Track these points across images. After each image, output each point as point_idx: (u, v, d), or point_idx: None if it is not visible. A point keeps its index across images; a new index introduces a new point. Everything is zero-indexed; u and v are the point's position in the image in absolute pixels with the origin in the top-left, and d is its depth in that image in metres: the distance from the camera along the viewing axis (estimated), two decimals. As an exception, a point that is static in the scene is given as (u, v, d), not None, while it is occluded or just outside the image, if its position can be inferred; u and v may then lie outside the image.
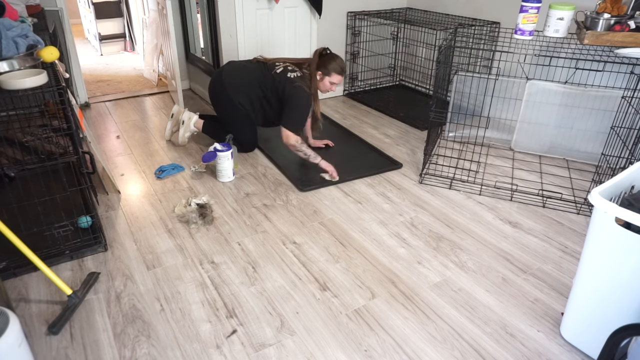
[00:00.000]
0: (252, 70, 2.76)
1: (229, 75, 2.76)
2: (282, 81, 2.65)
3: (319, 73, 2.67)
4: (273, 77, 2.69)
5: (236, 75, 2.76)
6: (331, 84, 2.70)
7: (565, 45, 2.98)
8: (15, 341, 1.24)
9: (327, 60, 2.65)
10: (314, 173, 2.68)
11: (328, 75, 2.66)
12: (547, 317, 1.71)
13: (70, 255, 1.95)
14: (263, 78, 2.72)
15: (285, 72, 2.66)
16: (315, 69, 2.66)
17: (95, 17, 5.62)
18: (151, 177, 2.65)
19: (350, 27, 3.90)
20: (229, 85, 2.74)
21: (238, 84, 2.74)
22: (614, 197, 1.50)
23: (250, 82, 2.74)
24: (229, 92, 2.74)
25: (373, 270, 1.93)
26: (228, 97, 2.75)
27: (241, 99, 2.75)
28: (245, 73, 2.76)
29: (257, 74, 2.74)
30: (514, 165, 2.85)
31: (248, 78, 2.75)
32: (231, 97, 2.74)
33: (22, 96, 1.71)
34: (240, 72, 2.77)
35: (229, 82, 2.75)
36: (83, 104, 3.76)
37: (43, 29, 2.56)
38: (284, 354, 1.53)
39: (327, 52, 2.70)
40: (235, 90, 2.74)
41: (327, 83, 2.69)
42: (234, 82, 2.74)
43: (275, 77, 2.68)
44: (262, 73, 2.73)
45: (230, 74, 2.77)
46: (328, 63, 2.65)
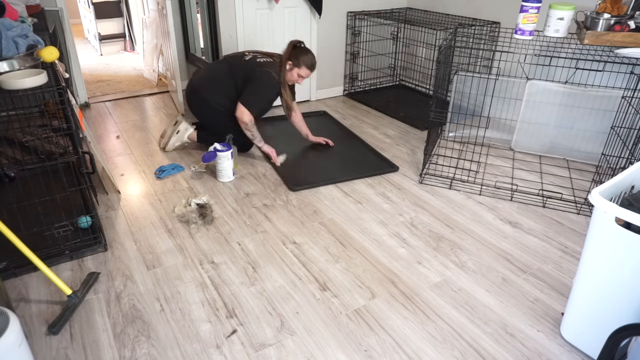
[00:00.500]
0: (220, 69, 2.79)
1: (199, 83, 2.80)
2: (251, 65, 2.70)
3: (289, 63, 2.71)
4: (242, 65, 2.73)
5: (206, 80, 2.79)
6: (299, 76, 2.74)
7: (566, 45, 2.98)
8: (15, 341, 1.24)
9: (300, 53, 2.70)
10: (307, 173, 2.68)
11: (298, 66, 2.70)
12: (547, 317, 1.71)
13: (70, 255, 1.95)
14: (233, 71, 2.75)
15: (254, 59, 2.73)
16: (286, 58, 2.70)
17: (95, 17, 5.62)
18: (151, 177, 2.65)
19: (350, 27, 3.90)
20: (203, 90, 2.77)
21: (210, 86, 2.77)
22: (614, 197, 1.50)
23: (220, 80, 2.77)
24: (206, 98, 2.77)
25: (373, 270, 1.93)
26: (206, 103, 2.78)
27: (218, 100, 2.76)
28: (213, 74, 2.79)
29: (226, 70, 2.77)
30: (514, 165, 2.85)
31: (218, 77, 2.78)
32: (209, 101, 2.76)
33: (22, 96, 1.71)
34: (208, 75, 2.80)
35: (202, 87, 2.78)
36: (83, 104, 3.76)
37: (43, 29, 2.56)
38: (284, 354, 1.53)
39: (301, 44, 2.75)
40: (209, 93, 2.76)
41: (295, 74, 2.73)
42: (206, 87, 2.77)
43: (244, 64, 2.72)
44: (230, 66, 2.77)
45: (200, 81, 2.80)
46: (300, 55, 2.69)
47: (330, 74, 4.01)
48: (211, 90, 2.77)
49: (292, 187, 2.53)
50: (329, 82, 4.04)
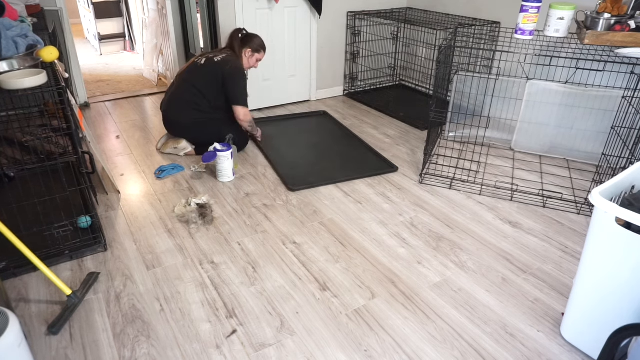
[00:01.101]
0: (178, 86, 2.79)
1: (167, 109, 2.81)
2: (213, 67, 2.71)
3: (247, 50, 2.82)
4: (201, 71, 2.73)
5: (170, 103, 2.80)
6: (257, 61, 2.89)
7: (566, 45, 2.98)
8: (15, 341, 1.24)
9: (252, 39, 2.83)
10: (307, 173, 2.68)
11: (257, 52, 2.85)
12: (547, 317, 1.71)
13: (70, 256, 1.95)
14: (193, 83, 2.74)
15: (211, 60, 2.74)
16: (241, 48, 2.80)
17: (95, 17, 5.62)
18: (151, 177, 2.65)
19: (350, 27, 3.90)
20: (173, 114, 2.79)
21: (177, 107, 2.77)
22: (615, 197, 1.50)
23: (182, 97, 2.76)
24: (179, 119, 2.78)
25: (373, 270, 1.93)
26: (182, 124, 2.79)
27: (192, 115, 2.77)
28: (174, 95, 2.80)
29: (184, 84, 2.77)
30: (514, 165, 2.85)
31: (178, 96, 2.77)
32: (184, 122, 2.78)
33: (21, 96, 1.71)
34: (170, 99, 2.81)
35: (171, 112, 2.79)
36: (83, 104, 3.76)
37: (43, 29, 2.56)
38: (284, 354, 1.53)
39: (244, 31, 2.85)
40: (180, 114, 2.77)
41: (254, 60, 2.87)
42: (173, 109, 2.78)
43: (203, 68, 2.73)
44: (188, 76, 2.77)
45: (167, 107, 2.81)
46: (253, 41, 2.83)
47: (330, 74, 4.01)
48: (181, 111, 2.77)
49: (292, 187, 2.53)
50: (329, 82, 4.04)
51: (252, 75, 3.57)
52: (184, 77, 2.79)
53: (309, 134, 3.23)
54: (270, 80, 3.69)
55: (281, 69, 3.70)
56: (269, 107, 3.79)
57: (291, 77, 3.79)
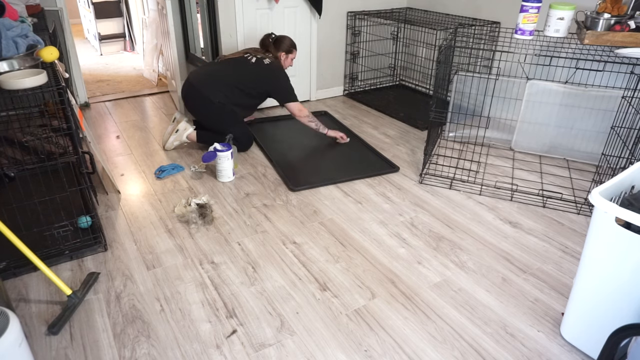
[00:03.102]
0: (222, 70, 2.87)
1: (200, 82, 2.83)
2: (261, 69, 2.88)
3: (282, 54, 3.01)
4: (250, 68, 2.86)
5: (207, 79, 2.83)
6: (292, 60, 3.08)
7: (566, 45, 2.98)
8: (15, 341, 1.24)
9: (283, 41, 3.01)
10: (307, 173, 2.68)
11: (291, 53, 3.04)
12: (547, 317, 1.71)
13: (70, 255, 1.95)
14: (239, 73, 2.85)
15: (260, 61, 2.90)
16: (276, 52, 3.00)
17: (95, 17, 5.62)
18: (151, 177, 2.65)
19: (350, 27, 3.90)
20: (204, 89, 2.80)
21: (212, 85, 2.81)
22: (614, 197, 1.50)
23: (222, 80, 2.82)
24: (208, 96, 2.79)
25: (373, 270, 1.93)
26: (208, 101, 2.80)
27: (220, 97, 2.80)
28: (215, 74, 2.85)
29: (230, 71, 2.85)
30: (514, 165, 2.85)
31: (220, 77, 2.84)
32: (211, 99, 2.79)
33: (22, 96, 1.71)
34: (209, 75, 2.85)
35: (203, 86, 2.81)
36: (83, 104, 3.76)
37: (43, 29, 2.56)
38: (284, 354, 1.53)
39: (274, 35, 3.03)
40: (211, 92, 2.79)
41: (289, 60, 3.07)
42: (207, 86, 2.81)
43: (254, 67, 2.87)
44: (236, 69, 2.86)
45: (201, 80, 2.83)
46: (285, 43, 3.01)
47: (330, 74, 4.01)
48: (212, 89, 2.79)
49: (292, 187, 2.53)
50: (329, 82, 4.04)
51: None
52: (231, 64, 2.88)
53: (309, 134, 3.23)
54: (270, 80, 3.69)
55: (281, 69, 3.70)
56: (269, 107, 3.79)
57: (291, 77, 3.79)
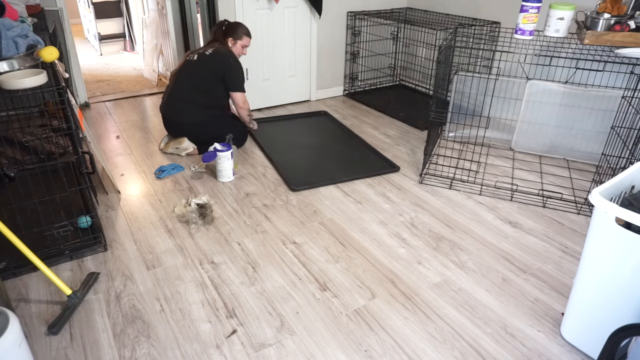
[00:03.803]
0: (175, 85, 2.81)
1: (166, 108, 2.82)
2: (206, 61, 2.75)
3: (230, 40, 2.85)
4: (195, 67, 2.76)
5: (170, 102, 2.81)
6: (243, 47, 2.90)
7: (566, 45, 2.98)
8: (15, 341, 1.24)
9: (233, 28, 2.86)
10: (307, 173, 2.68)
11: (240, 39, 2.87)
12: (547, 317, 1.71)
13: (70, 256, 1.95)
14: (190, 78, 2.77)
15: (202, 55, 2.78)
16: (224, 38, 2.86)
17: (95, 17, 5.62)
18: (151, 177, 2.65)
19: (350, 27, 3.90)
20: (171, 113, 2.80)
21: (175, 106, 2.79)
22: (615, 197, 1.50)
23: (180, 95, 2.78)
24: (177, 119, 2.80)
25: (373, 270, 1.93)
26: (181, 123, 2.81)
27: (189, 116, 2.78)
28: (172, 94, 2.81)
29: (181, 82, 2.79)
30: (514, 165, 2.85)
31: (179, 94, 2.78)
32: (185, 122, 2.80)
33: (22, 96, 1.71)
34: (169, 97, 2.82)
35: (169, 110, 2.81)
36: (83, 104, 3.76)
37: (43, 29, 2.56)
38: (284, 354, 1.53)
39: (226, 21, 2.90)
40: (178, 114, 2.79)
41: (239, 47, 2.89)
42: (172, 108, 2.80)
43: (197, 64, 2.76)
44: (185, 75, 2.78)
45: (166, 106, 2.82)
46: (235, 29, 2.86)
47: (330, 74, 4.01)
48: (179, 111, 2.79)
49: (293, 187, 2.53)
50: (329, 82, 4.04)
51: (252, 75, 3.57)
52: (179, 76, 2.81)
53: (309, 134, 3.23)
54: (270, 80, 3.69)
55: (281, 69, 3.70)
56: (269, 107, 3.79)
57: (291, 77, 3.79)
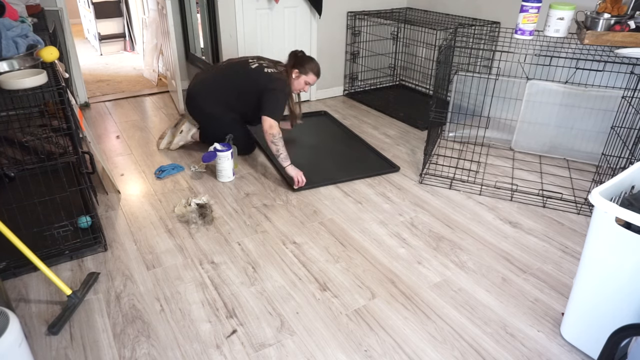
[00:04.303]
0: (218, 74, 2.79)
1: (196, 90, 2.80)
2: (260, 76, 2.68)
3: (295, 71, 2.73)
4: (248, 73, 2.71)
5: (203, 87, 2.79)
6: (306, 84, 2.77)
7: (566, 45, 2.98)
8: (15, 341, 1.24)
9: (304, 60, 2.73)
10: (308, 173, 2.67)
11: (305, 74, 2.73)
12: (547, 317, 1.71)
13: (70, 256, 1.95)
14: (235, 79, 2.74)
15: (261, 68, 2.71)
16: (291, 67, 2.73)
17: (95, 17, 5.62)
18: (151, 177, 2.65)
19: (350, 27, 3.90)
20: (199, 98, 2.78)
21: (207, 94, 2.77)
22: (614, 197, 1.50)
23: (221, 88, 2.76)
24: (202, 106, 2.78)
25: (373, 270, 1.93)
26: (205, 112, 2.79)
27: (215, 108, 2.77)
28: (214, 81, 2.79)
29: (229, 77, 2.76)
30: (514, 165, 2.85)
31: (218, 85, 2.77)
32: (207, 111, 2.78)
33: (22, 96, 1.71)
34: (208, 82, 2.80)
35: (199, 95, 2.78)
36: (83, 104, 3.76)
37: (43, 29, 2.56)
38: (284, 354, 1.53)
39: (301, 53, 2.79)
40: (206, 101, 2.77)
41: (302, 82, 2.76)
42: (202, 94, 2.78)
43: (252, 73, 2.71)
44: (235, 73, 2.76)
45: (197, 88, 2.80)
46: (305, 63, 2.73)
47: (330, 74, 4.01)
48: (208, 99, 2.77)
49: (293, 187, 2.52)
50: (329, 82, 4.04)
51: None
52: (230, 69, 2.77)
53: (309, 134, 3.23)
54: (270, 80, 3.69)
55: (281, 69, 3.70)
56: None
57: (291, 77, 3.79)
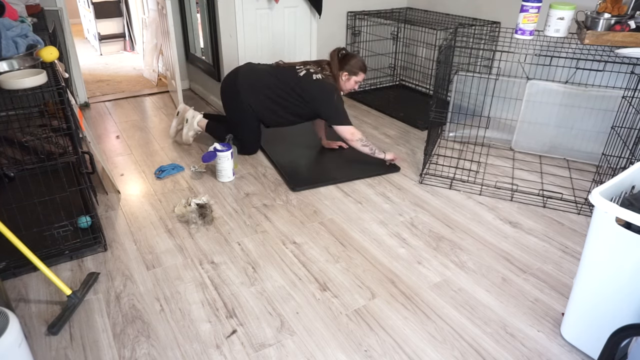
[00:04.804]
0: (269, 74, 2.73)
1: (243, 76, 2.75)
2: (309, 84, 2.63)
3: (344, 74, 2.69)
4: (297, 80, 2.65)
5: (251, 77, 2.75)
6: (355, 83, 2.74)
7: (566, 45, 2.98)
8: (15, 341, 1.24)
9: (349, 60, 2.69)
10: (309, 173, 2.67)
11: (355, 75, 2.70)
12: (548, 317, 1.71)
13: (70, 256, 1.95)
14: (282, 80, 2.68)
15: (309, 75, 2.65)
16: (338, 70, 2.69)
17: (95, 17, 5.62)
18: (151, 177, 2.65)
19: (350, 27, 3.90)
20: (242, 86, 2.73)
21: (251, 85, 2.74)
22: (615, 197, 1.50)
23: (265, 85, 2.72)
24: (241, 93, 2.74)
25: (373, 270, 1.93)
26: (239, 97, 2.75)
27: (252, 100, 2.73)
28: (261, 75, 2.74)
29: (276, 77, 2.71)
30: (514, 165, 2.85)
31: (263, 80, 2.73)
32: (242, 98, 2.74)
33: (21, 96, 1.71)
34: (256, 74, 2.75)
35: (243, 82, 2.74)
36: (83, 104, 3.76)
37: (43, 29, 2.56)
38: (284, 354, 1.53)
39: (343, 51, 2.73)
40: (247, 91, 2.73)
41: (352, 82, 2.73)
42: (247, 83, 2.74)
43: (301, 80, 2.65)
44: (283, 75, 2.70)
45: (246, 75, 2.75)
46: (351, 62, 2.69)
47: (330, 74, 4.00)
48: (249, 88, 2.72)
49: (293, 187, 2.52)
50: (329, 82, 4.03)
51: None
52: (280, 72, 2.70)
53: (309, 134, 3.23)
54: (270, 80, 3.69)
55: (281, 69, 3.70)
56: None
57: (291, 77, 3.79)
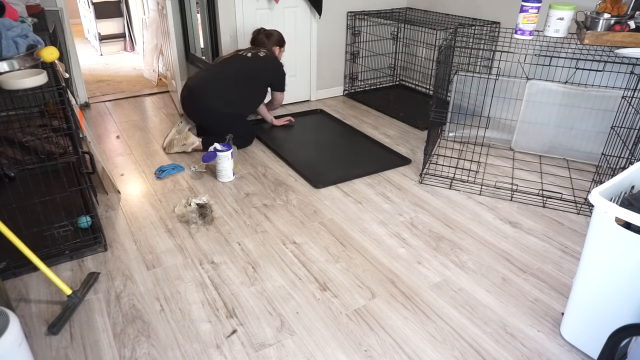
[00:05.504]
0: (219, 70, 2.86)
1: (198, 86, 2.82)
2: (260, 61, 2.92)
3: (276, 48, 3.11)
4: (249, 63, 2.90)
5: (205, 83, 2.82)
6: (281, 54, 3.18)
7: (566, 45, 2.98)
8: (15, 341, 1.24)
9: (274, 35, 3.09)
10: (327, 170, 2.70)
11: (282, 46, 3.14)
12: (547, 317, 1.71)
13: (70, 255, 1.95)
14: (236, 69, 2.86)
15: (256, 54, 2.94)
16: (270, 45, 3.07)
17: (95, 17, 5.62)
18: (151, 177, 2.65)
19: (350, 27, 3.90)
20: (202, 94, 2.80)
21: (210, 89, 2.80)
22: (614, 197, 1.50)
23: (220, 81, 2.82)
24: (205, 102, 2.80)
25: (373, 270, 1.93)
26: (206, 107, 2.81)
27: (218, 104, 2.80)
28: (212, 76, 2.84)
29: (227, 70, 2.85)
30: (514, 165, 2.85)
31: (217, 78, 2.82)
32: (209, 105, 2.80)
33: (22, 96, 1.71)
34: (206, 78, 2.84)
35: (201, 91, 2.80)
36: (83, 104, 3.76)
37: (43, 29, 2.56)
38: (284, 354, 1.53)
39: (263, 30, 3.08)
40: (209, 97, 2.79)
41: (281, 54, 3.18)
42: (205, 90, 2.80)
43: (251, 61, 2.90)
44: (233, 65, 2.87)
45: (199, 84, 2.82)
46: (277, 37, 3.10)
47: (330, 74, 4.01)
48: (211, 95, 2.79)
49: (316, 185, 2.55)
50: (329, 82, 4.04)
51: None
52: (229, 64, 2.89)
53: (311, 132, 3.23)
54: (270, 80, 3.69)
55: (281, 69, 3.71)
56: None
57: (291, 77, 3.79)
